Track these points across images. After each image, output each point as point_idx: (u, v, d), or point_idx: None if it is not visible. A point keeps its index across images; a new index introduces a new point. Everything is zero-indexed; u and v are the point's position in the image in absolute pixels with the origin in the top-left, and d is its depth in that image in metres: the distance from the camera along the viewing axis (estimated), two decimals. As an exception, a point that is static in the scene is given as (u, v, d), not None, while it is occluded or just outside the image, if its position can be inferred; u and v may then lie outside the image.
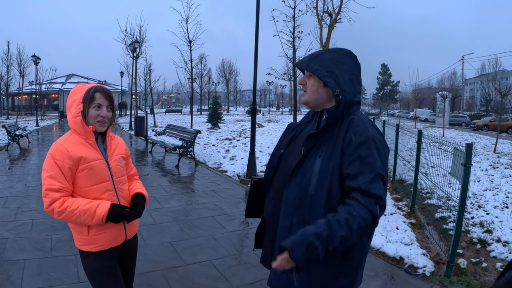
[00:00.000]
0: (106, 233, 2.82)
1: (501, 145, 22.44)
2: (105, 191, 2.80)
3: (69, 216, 2.61)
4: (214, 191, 9.53)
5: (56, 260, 5.21)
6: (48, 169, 2.60)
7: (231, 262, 5.45)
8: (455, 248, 5.24)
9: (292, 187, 2.24)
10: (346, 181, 2.12)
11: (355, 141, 2.13)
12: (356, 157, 2.10)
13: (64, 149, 2.64)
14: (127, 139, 22.41)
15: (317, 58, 2.32)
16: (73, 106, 2.72)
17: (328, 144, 2.21)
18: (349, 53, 2.37)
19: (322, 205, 2.14)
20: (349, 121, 2.23)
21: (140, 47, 30.30)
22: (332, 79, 2.25)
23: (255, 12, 10.74)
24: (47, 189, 2.57)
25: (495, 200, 9.33)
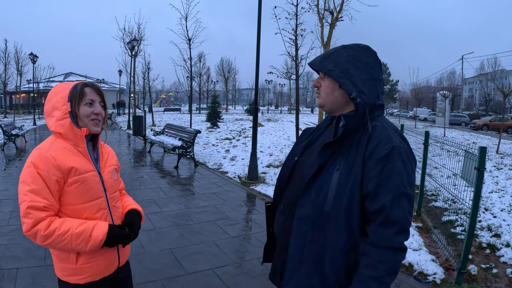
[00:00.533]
0: (98, 261, 2.37)
1: (503, 145, 22.22)
2: (98, 209, 2.35)
3: (58, 241, 2.14)
4: (214, 194, 9.32)
5: (50, 269, 4.87)
6: (30, 182, 2.12)
7: (235, 271, 5.22)
8: (466, 255, 5.08)
9: (305, 203, 1.99)
10: (365, 201, 1.88)
11: (377, 153, 1.86)
12: (377, 172, 1.84)
13: (50, 156, 2.17)
14: (125, 139, 22.24)
15: (331, 57, 2.05)
16: (56, 108, 2.27)
17: (347, 155, 1.95)
18: (367, 49, 2.08)
19: (341, 226, 1.90)
20: (371, 128, 1.95)
21: (138, 45, 30.26)
22: (347, 79, 1.98)
23: (255, 10, 10.58)
24: (29, 207, 2.07)
25: (501, 203, 9.16)
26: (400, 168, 1.84)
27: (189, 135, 13.77)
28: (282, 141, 20.39)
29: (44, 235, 2.10)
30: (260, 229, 6.84)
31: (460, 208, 7.73)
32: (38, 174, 2.13)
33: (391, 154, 1.84)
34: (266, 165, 13.02)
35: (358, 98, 1.95)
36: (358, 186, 1.87)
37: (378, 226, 1.82)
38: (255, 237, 6.50)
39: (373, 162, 1.85)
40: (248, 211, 8.16)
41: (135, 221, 2.56)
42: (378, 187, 1.82)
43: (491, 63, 77.73)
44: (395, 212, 1.80)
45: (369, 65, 2.02)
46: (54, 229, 2.12)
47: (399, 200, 1.81)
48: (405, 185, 1.84)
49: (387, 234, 1.81)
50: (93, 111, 2.31)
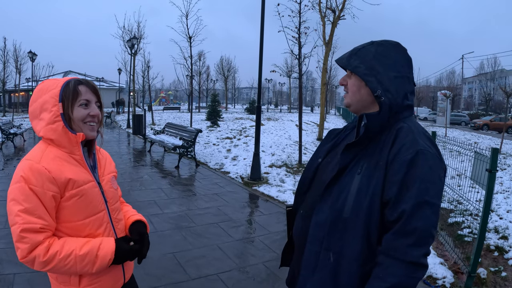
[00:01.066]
0: (103, 281, 2.10)
1: (505, 145, 22.11)
2: (100, 224, 2.07)
3: (60, 266, 1.85)
4: (217, 194, 9.18)
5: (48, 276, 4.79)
6: (21, 200, 1.80)
7: (240, 276, 5.07)
8: (477, 258, 4.98)
9: (323, 207, 1.87)
10: (386, 209, 1.71)
11: (400, 157, 1.70)
12: (400, 177, 1.67)
13: (42, 168, 1.85)
14: (124, 138, 22.09)
15: (358, 53, 1.93)
16: (45, 109, 1.95)
17: (370, 158, 1.80)
18: (396, 45, 1.94)
19: (358, 233, 1.75)
20: (397, 130, 1.79)
21: (138, 43, 30.14)
22: (373, 77, 1.85)
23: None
24: (23, 230, 1.77)
25: (507, 204, 9.09)
26: (426, 174, 1.66)
27: (190, 134, 13.63)
28: (284, 140, 20.24)
29: (44, 261, 1.81)
30: (264, 232, 6.71)
31: (466, 210, 7.63)
32: (31, 190, 1.82)
33: (416, 158, 1.67)
34: (268, 165, 12.87)
35: (382, 96, 1.82)
36: (379, 192, 1.72)
37: (393, 234, 1.66)
38: (259, 239, 6.36)
39: (396, 166, 1.69)
40: (251, 213, 8.01)
41: (144, 232, 2.31)
42: (400, 193, 1.66)
43: (491, 62, 78.08)
44: (414, 221, 1.62)
45: (398, 62, 1.88)
46: (54, 253, 1.83)
47: (421, 208, 1.63)
48: (430, 193, 1.65)
49: (402, 244, 1.63)
50: (89, 113, 2.02)
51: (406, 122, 1.84)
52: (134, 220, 2.35)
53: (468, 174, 5.55)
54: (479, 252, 4.95)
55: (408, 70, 1.92)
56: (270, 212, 7.96)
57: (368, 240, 1.74)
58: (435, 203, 1.67)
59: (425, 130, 1.87)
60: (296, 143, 16.13)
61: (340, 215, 1.79)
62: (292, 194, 9.36)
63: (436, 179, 1.70)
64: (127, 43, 29.29)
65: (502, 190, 10.59)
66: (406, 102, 1.87)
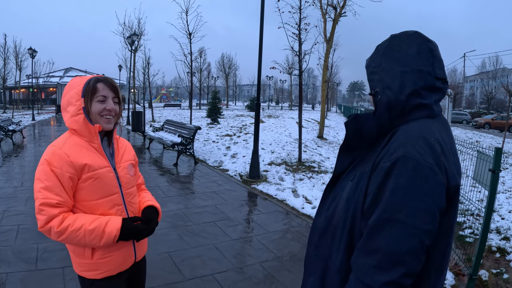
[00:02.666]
0: (114, 256, 2.36)
1: (506, 144, 22.04)
2: (113, 205, 2.34)
3: (72, 237, 2.13)
4: (215, 193, 9.08)
5: (42, 274, 4.72)
6: (43, 179, 2.12)
7: (236, 276, 4.97)
8: (479, 260, 4.86)
9: (320, 212, 1.80)
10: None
11: (381, 164, 1.47)
12: (375, 186, 1.46)
13: (63, 153, 2.16)
14: (124, 135, 21.97)
15: (374, 51, 1.76)
16: (71, 103, 2.24)
17: (365, 164, 1.61)
18: (412, 35, 1.67)
19: (343, 243, 1.58)
20: (392, 133, 1.56)
21: (138, 40, 30.21)
22: (377, 75, 1.66)
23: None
24: (42, 204, 2.08)
25: (509, 204, 9.04)
26: (401, 186, 1.39)
27: (188, 131, 13.51)
28: (284, 138, 20.13)
29: (58, 231, 2.10)
30: (262, 231, 6.63)
31: (467, 210, 7.54)
32: (52, 171, 2.13)
33: (394, 166, 1.41)
34: (268, 163, 12.76)
35: (379, 94, 1.62)
36: (361, 202, 1.53)
37: (358, 250, 1.47)
38: (257, 239, 6.27)
39: (375, 174, 1.49)
40: (249, 212, 7.92)
41: (153, 218, 2.53)
42: (371, 205, 1.45)
43: (492, 61, 78.23)
44: (377, 239, 1.40)
45: (409, 54, 1.61)
46: (67, 225, 2.11)
47: (388, 227, 1.38)
48: (403, 211, 1.37)
49: (363, 264, 1.43)
50: (105, 108, 2.27)
51: (410, 123, 1.57)
52: (147, 205, 2.61)
53: (469, 173, 5.46)
54: (481, 254, 4.84)
55: (423, 62, 1.60)
56: (268, 211, 7.86)
57: (350, 253, 1.56)
58: (410, 223, 1.37)
59: (433, 134, 1.53)
60: (296, 140, 16.04)
61: (330, 222, 1.68)
62: (291, 192, 9.32)
63: (419, 195, 1.38)
64: (127, 40, 29.32)
65: (504, 190, 10.53)
66: (416, 101, 1.58)
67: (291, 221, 7.22)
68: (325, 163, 13.52)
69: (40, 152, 14.68)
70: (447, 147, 1.53)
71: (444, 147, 1.50)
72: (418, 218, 1.37)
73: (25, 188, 8.80)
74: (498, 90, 66.32)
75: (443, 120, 1.67)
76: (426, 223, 1.38)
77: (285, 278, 4.93)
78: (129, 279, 2.58)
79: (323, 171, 12.10)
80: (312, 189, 9.69)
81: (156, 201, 2.71)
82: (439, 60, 1.64)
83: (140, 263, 2.65)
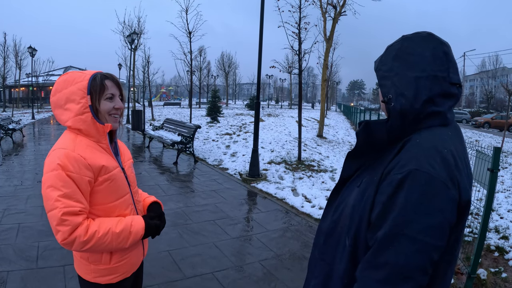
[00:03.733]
0: (130, 257, 2.32)
1: (506, 143, 22.06)
2: (127, 205, 2.28)
3: (99, 244, 2.02)
4: (214, 191, 9.09)
5: (42, 272, 4.74)
6: (60, 186, 1.93)
7: (236, 275, 4.99)
8: (477, 259, 4.89)
9: (326, 215, 1.76)
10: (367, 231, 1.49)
11: (391, 175, 1.42)
12: (384, 199, 1.41)
13: (78, 156, 2.00)
14: (124, 134, 21.97)
15: (385, 53, 1.68)
16: (73, 100, 2.08)
17: (373, 171, 1.56)
18: (426, 38, 1.60)
19: (347, 251, 1.55)
20: (404, 142, 1.50)
21: (138, 38, 30.19)
22: (389, 80, 1.59)
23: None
24: (65, 214, 1.91)
25: (508, 203, 9.05)
26: (413, 201, 1.34)
27: (188, 130, 13.51)
28: (284, 136, 20.15)
29: (84, 240, 1.98)
30: (262, 230, 6.64)
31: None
32: (68, 177, 1.96)
33: (406, 180, 1.36)
34: (267, 162, 12.78)
35: (393, 102, 1.54)
36: (368, 211, 1.49)
37: (364, 263, 1.43)
38: (256, 238, 6.28)
39: (384, 185, 1.43)
40: (249, 210, 7.94)
41: (162, 212, 2.54)
42: (379, 218, 1.41)
43: (492, 60, 78.24)
44: (386, 254, 1.35)
45: (424, 59, 1.54)
46: (93, 232, 2.01)
47: (397, 242, 1.34)
48: (414, 227, 1.33)
49: (369, 278, 1.39)
50: (114, 106, 2.19)
51: (423, 132, 1.51)
52: (151, 201, 2.59)
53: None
54: (480, 253, 4.85)
55: (439, 67, 1.54)
56: (268, 209, 7.88)
57: (354, 260, 1.53)
58: (420, 239, 1.33)
59: (446, 145, 1.48)
60: (296, 139, 16.05)
61: (336, 227, 1.65)
62: (291, 191, 9.34)
63: (431, 210, 1.34)
64: (127, 38, 29.30)
65: (503, 189, 10.55)
66: (430, 108, 1.52)
67: (290, 220, 7.24)
68: (324, 162, 13.53)
69: (40, 151, 14.92)
70: (460, 158, 1.48)
71: (457, 158, 1.46)
72: (428, 234, 1.33)
73: (25, 186, 8.81)
74: (498, 89, 66.28)
75: (456, 127, 1.63)
76: (436, 239, 1.34)
77: (284, 276, 4.94)
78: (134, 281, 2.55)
79: (323, 170, 12.11)
80: (312, 188, 9.70)
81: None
82: (454, 63, 1.59)
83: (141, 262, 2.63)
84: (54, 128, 24.75)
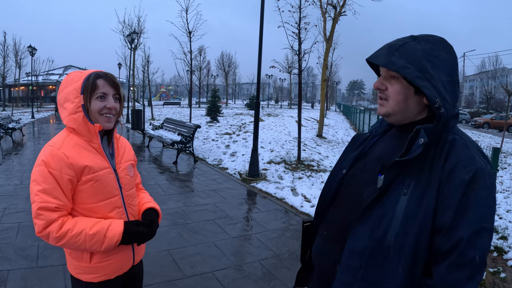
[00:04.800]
0: (113, 260, 2.27)
1: (505, 144, 22.07)
2: (113, 208, 2.23)
3: (71, 242, 2.04)
4: (214, 191, 9.09)
5: (43, 271, 4.75)
6: (41, 181, 2.00)
7: (235, 274, 5.00)
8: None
9: (361, 233, 1.62)
10: (437, 235, 1.49)
11: (456, 176, 1.47)
12: (456, 200, 1.45)
13: (62, 154, 2.03)
14: (123, 133, 21.84)
15: (401, 50, 1.60)
16: (68, 100, 2.11)
17: (418, 176, 1.55)
18: (443, 42, 1.64)
19: (402, 263, 1.51)
20: (449, 143, 1.56)
21: (138, 38, 30.16)
22: (428, 82, 1.55)
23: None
24: (40, 208, 1.97)
25: (507, 204, 9.02)
26: (485, 197, 1.46)
27: (188, 129, 13.51)
28: (283, 136, 20.15)
29: (57, 236, 2.01)
30: (261, 229, 6.65)
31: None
32: (50, 173, 2.01)
33: (474, 179, 1.46)
34: (267, 162, 12.77)
35: (442, 108, 1.55)
36: (431, 217, 1.50)
37: (448, 266, 1.45)
38: (256, 237, 6.29)
39: (452, 187, 1.47)
40: (248, 210, 7.95)
41: (154, 220, 2.45)
42: (456, 219, 1.45)
43: (492, 61, 78.49)
44: (472, 251, 1.43)
45: (449, 63, 1.61)
46: (66, 230, 2.02)
47: (480, 236, 1.44)
48: (488, 219, 1.47)
49: (459, 278, 1.43)
50: (105, 105, 2.16)
51: (456, 133, 1.61)
52: (148, 207, 2.52)
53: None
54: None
55: (457, 73, 1.65)
56: (267, 209, 7.88)
57: (412, 271, 1.52)
58: (491, 228, 1.48)
59: (475, 142, 1.64)
60: (296, 139, 16.05)
61: (382, 243, 1.56)
62: (290, 191, 9.32)
63: (493, 202, 1.51)
64: (127, 38, 29.31)
65: (502, 190, 10.52)
66: (455, 110, 1.63)
67: (290, 220, 7.24)
68: (324, 161, 13.52)
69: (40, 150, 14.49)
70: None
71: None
72: (493, 221, 1.51)
73: (25, 186, 8.78)
74: (497, 90, 66.46)
75: None
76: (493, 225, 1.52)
77: (284, 275, 4.95)
78: (126, 283, 2.49)
79: (322, 169, 12.11)
80: (311, 188, 9.70)
81: (155, 200, 2.65)
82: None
83: (137, 267, 2.56)
84: (53, 127, 24.78)
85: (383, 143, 1.84)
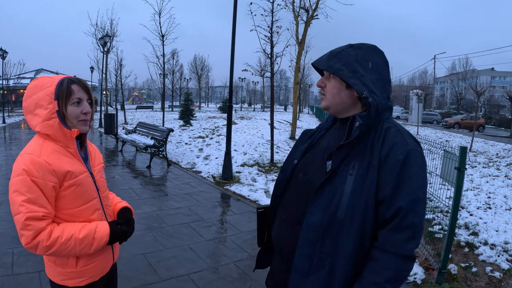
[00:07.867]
0: (97, 261, 2.32)
1: (475, 143, 22.49)
2: (94, 211, 2.27)
3: (62, 249, 2.04)
4: (188, 194, 9.10)
5: (18, 279, 4.70)
6: (24, 191, 1.96)
7: (211, 276, 5.04)
8: (447, 254, 5.06)
9: (316, 210, 1.87)
10: (380, 206, 1.79)
11: (392, 156, 1.78)
12: (394, 176, 1.76)
13: (43, 162, 2.02)
14: (96, 138, 21.74)
15: (339, 56, 1.94)
16: (41, 106, 2.09)
17: (361, 158, 1.85)
18: (374, 48, 1.99)
19: (353, 233, 1.80)
20: (385, 130, 1.87)
21: (111, 41, 29.94)
22: (357, 79, 1.88)
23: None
24: (28, 218, 1.93)
25: (477, 201, 9.26)
26: (417, 172, 1.78)
27: (161, 133, 13.46)
28: (256, 139, 20.24)
29: (47, 245, 2.00)
30: (236, 231, 6.70)
31: (436, 207, 7.72)
32: (33, 182, 1.98)
33: (407, 158, 1.77)
34: (240, 164, 12.83)
35: (370, 97, 1.86)
36: (374, 191, 1.80)
37: (390, 230, 1.76)
38: (230, 239, 6.34)
39: (389, 165, 1.78)
40: (223, 212, 7.97)
41: (131, 218, 2.53)
42: (395, 192, 1.75)
43: (462, 63, 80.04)
44: (410, 217, 1.72)
45: (378, 65, 1.95)
46: (56, 237, 2.02)
47: (416, 205, 1.74)
48: (422, 190, 1.79)
49: (399, 239, 1.74)
50: (82, 111, 2.18)
51: (391, 122, 1.93)
52: (121, 207, 2.56)
53: (439, 172, 5.61)
54: (449, 248, 5.02)
55: (387, 72, 1.98)
56: (241, 211, 7.93)
57: (362, 238, 1.81)
58: (424, 198, 1.80)
59: (408, 130, 1.96)
60: (269, 142, 16.14)
61: (335, 216, 1.82)
62: (264, 193, 9.39)
63: (425, 177, 1.82)
64: (100, 41, 29.05)
65: (472, 188, 10.77)
66: (388, 103, 1.94)
67: (264, 221, 7.25)
68: (298, 163, 13.57)
69: (12, 156, 14.49)
70: None
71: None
72: (425, 192, 1.82)
73: (-4, 192, 8.65)
74: (467, 91, 67.67)
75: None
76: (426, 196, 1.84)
77: (259, 276, 4.97)
78: (107, 284, 2.55)
79: (296, 171, 12.15)
80: (285, 190, 9.73)
81: (130, 204, 2.70)
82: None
83: (114, 266, 2.62)
84: (25, 133, 24.34)
85: (329, 135, 2.12)
